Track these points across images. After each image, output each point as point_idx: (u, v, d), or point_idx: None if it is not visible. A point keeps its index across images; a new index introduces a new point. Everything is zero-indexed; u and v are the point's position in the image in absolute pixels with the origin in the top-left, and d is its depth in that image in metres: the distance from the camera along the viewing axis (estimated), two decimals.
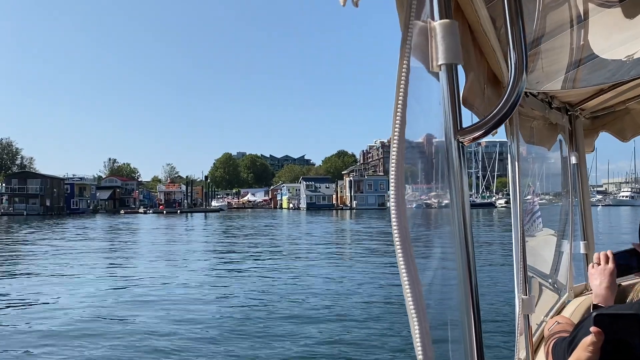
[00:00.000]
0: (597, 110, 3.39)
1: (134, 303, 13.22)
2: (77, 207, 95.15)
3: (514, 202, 2.21)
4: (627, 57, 1.88)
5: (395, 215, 1.00)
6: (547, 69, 2.12)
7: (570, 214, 3.50)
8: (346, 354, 8.76)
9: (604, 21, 1.71)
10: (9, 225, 54.53)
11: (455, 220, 1.06)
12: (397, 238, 0.99)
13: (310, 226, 49.01)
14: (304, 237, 35.60)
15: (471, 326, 1.04)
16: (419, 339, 0.97)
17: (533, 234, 2.88)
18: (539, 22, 1.69)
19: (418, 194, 1.49)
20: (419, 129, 1.24)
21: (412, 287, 0.98)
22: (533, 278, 2.65)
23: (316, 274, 17.75)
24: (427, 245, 1.35)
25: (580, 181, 3.55)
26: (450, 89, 1.06)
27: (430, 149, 1.33)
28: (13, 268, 20.53)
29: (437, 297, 1.24)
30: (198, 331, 10.34)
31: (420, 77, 1.09)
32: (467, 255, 1.05)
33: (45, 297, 14.06)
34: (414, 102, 1.06)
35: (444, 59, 1.06)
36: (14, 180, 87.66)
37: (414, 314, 0.98)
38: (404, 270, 0.99)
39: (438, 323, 1.21)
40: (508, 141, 2.24)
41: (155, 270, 19.55)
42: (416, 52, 1.07)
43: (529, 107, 2.59)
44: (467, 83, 1.57)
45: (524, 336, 2.20)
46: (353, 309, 12.16)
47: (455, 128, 1.06)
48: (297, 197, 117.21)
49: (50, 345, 9.44)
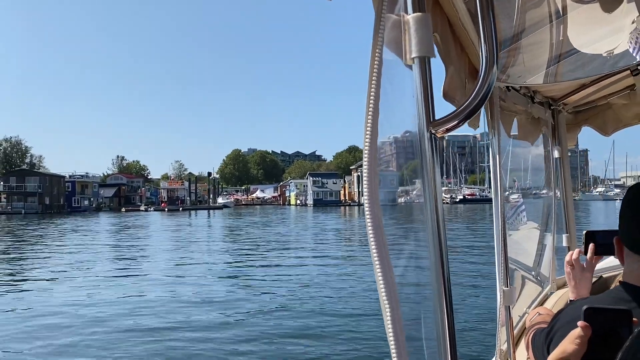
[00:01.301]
0: (580, 105, 3.47)
1: (117, 314, 11.76)
2: (79, 205, 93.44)
3: (495, 195, 2.22)
4: (607, 52, 1.95)
5: (369, 205, 1.01)
6: (528, 63, 2.14)
7: (553, 207, 3.57)
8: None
9: (583, 17, 1.75)
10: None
11: (427, 212, 1.07)
12: (370, 226, 1.00)
13: (311, 225, 46.30)
14: (311, 235, 32.81)
15: (444, 319, 1.05)
16: (392, 334, 0.98)
17: (517, 227, 2.98)
18: (519, 17, 1.69)
19: (393, 187, 1.45)
20: (395, 121, 1.23)
21: (385, 281, 0.99)
22: (516, 270, 2.68)
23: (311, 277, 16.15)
24: (402, 237, 1.35)
25: (563, 175, 3.62)
26: (423, 81, 1.08)
27: (405, 141, 1.32)
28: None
29: (410, 292, 1.22)
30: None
31: (397, 70, 1.12)
32: (439, 248, 1.05)
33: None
34: (391, 95, 1.09)
35: (417, 51, 1.08)
36: (12, 179, 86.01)
37: (388, 308, 0.98)
38: (377, 261, 0.99)
39: (412, 317, 1.22)
40: (489, 135, 2.22)
41: (145, 275, 17.93)
42: (392, 45, 1.09)
43: (511, 101, 2.58)
44: (447, 77, 1.59)
45: (505, 327, 2.20)
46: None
47: (428, 120, 1.08)
48: (304, 193, 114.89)
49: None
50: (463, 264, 17.60)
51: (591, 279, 1.81)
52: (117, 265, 20.44)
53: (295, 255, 22.81)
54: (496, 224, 2.21)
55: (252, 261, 20.80)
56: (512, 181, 3.23)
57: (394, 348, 0.98)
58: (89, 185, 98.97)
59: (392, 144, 1.48)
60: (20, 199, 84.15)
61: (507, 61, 2.05)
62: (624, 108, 3.29)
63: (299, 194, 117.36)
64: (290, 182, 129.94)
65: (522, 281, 2.94)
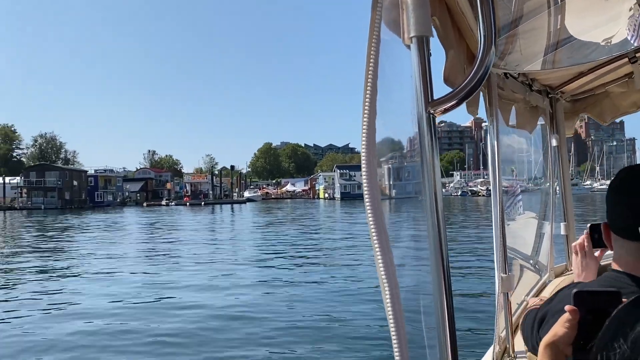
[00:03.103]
0: (578, 94, 3.44)
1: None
2: (102, 200, 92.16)
3: (493, 182, 2.21)
4: (605, 39, 1.97)
5: (367, 181, 1.02)
6: (526, 50, 2.14)
7: (551, 195, 3.54)
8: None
9: (580, 3, 1.78)
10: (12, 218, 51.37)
11: (426, 194, 1.07)
12: (369, 206, 1.01)
13: (336, 221, 41.70)
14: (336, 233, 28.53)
15: (444, 310, 1.06)
16: (392, 316, 1.00)
17: (514, 217, 2.95)
18: (517, 3, 1.69)
19: (395, 168, 1.44)
20: (394, 101, 1.24)
21: (385, 264, 1.00)
22: (514, 259, 2.66)
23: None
24: (402, 221, 1.33)
25: (561, 163, 3.61)
26: (422, 61, 1.08)
27: (403, 121, 1.33)
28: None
29: (410, 280, 1.21)
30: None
31: (396, 50, 1.11)
32: (438, 231, 1.05)
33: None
34: (390, 75, 1.09)
35: (415, 31, 1.07)
36: (32, 174, 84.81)
37: (387, 290, 1.00)
38: (377, 242, 1.00)
39: (412, 307, 1.21)
40: (487, 122, 2.24)
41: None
42: (391, 25, 1.09)
43: (509, 89, 2.58)
44: (447, 61, 1.58)
45: (504, 314, 2.21)
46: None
47: (426, 100, 1.08)
48: (332, 186, 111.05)
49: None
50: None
51: (596, 270, 1.75)
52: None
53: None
54: (494, 211, 2.19)
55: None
56: (510, 170, 3.09)
57: (394, 332, 0.99)
58: (112, 179, 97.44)
59: (390, 122, 1.29)
60: (40, 194, 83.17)
61: (505, 48, 1.98)
62: (622, 96, 3.32)
63: (327, 187, 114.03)
64: (319, 175, 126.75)
65: (520, 270, 2.87)
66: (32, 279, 15.41)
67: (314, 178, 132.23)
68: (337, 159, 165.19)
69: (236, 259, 18.68)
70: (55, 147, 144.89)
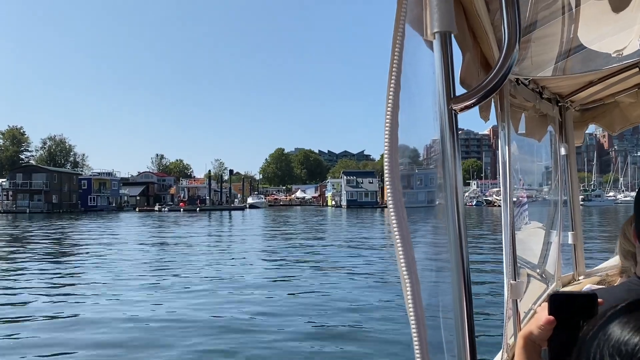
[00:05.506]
0: (587, 103, 3.43)
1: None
2: (95, 204, 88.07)
3: (504, 189, 2.21)
4: (616, 50, 1.97)
5: (389, 176, 1.02)
6: (538, 57, 2.14)
7: (560, 205, 3.51)
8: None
9: (594, 11, 1.80)
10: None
11: (447, 191, 1.06)
12: (392, 203, 1.00)
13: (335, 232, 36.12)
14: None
15: (463, 316, 1.07)
16: (415, 325, 1.00)
17: (520, 226, 2.88)
18: (531, 9, 1.71)
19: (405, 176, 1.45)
20: (416, 97, 1.22)
21: (406, 260, 1.00)
22: (522, 268, 2.64)
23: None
24: (423, 224, 1.31)
25: (570, 172, 3.62)
26: (445, 57, 1.07)
27: (425, 117, 1.29)
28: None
29: (430, 283, 1.22)
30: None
31: (417, 47, 1.11)
32: (458, 231, 1.05)
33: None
34: (410, 72, 1.07)
35: (438, 26, 1.06)
36: (18, 175, 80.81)
37: (408, 284, 1.00)
38: (399, 240, 1.00)
39: (431, 312, 1.20)
40: (499, 128, 2.24)
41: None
42: (414, 24, 1.09)
43: (520, 96, 2.58)
44: (463, 64, 1.57)
45: (512, 321, 2.20)
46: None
47: (448, 96, 1.07)
48: (339, 193, 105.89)
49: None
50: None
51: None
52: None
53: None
54: (504, 218, 2.19)
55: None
56: (518, 179, 2.94)
57: (414, 324, 1.00)
58: (108, 182, 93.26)
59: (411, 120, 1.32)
60: (26, 197, 79.27)
61: (519, 54, 1.89)
62: (632, 106, 3.33)
63: (335, 194, 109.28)
64: (328, 181, 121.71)
65: (528, 278, 2.86)
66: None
67: (324, 185, 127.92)
68: (350, 166, 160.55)
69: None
70: (65, 150, 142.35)
